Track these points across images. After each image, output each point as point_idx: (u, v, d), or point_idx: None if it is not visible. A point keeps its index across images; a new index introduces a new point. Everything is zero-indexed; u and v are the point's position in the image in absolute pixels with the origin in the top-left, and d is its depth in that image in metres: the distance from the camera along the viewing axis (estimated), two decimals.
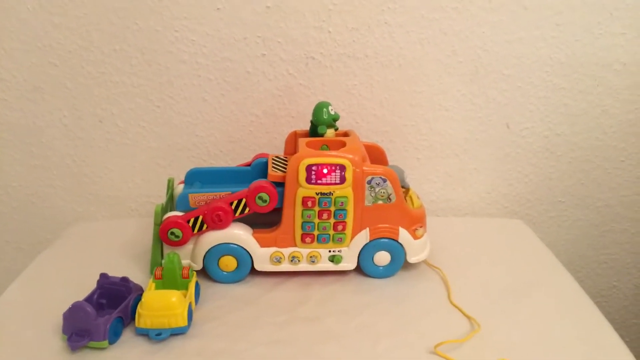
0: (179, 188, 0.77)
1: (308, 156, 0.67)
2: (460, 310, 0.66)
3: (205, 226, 0.70)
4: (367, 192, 0.69)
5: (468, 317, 0.64)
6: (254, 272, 0.72)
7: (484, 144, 0.93)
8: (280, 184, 0.69)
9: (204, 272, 0.72)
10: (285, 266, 0.72)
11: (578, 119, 0.91)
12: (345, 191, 0.68)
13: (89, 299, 0.63)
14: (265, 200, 0.69)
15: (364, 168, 0.68)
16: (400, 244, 0.71)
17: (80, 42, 0.84)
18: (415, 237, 0.72)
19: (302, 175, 0.67)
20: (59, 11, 0.82)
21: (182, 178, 0.79)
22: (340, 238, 0.71)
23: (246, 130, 0.91)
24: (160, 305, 0.60)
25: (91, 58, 0.85)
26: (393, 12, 0.84)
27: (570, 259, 1.02)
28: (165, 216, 0.71)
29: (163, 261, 0.66)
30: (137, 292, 0.64)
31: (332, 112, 0.75)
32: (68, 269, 0.76)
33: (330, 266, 0.72)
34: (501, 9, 0.83)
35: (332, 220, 0.69)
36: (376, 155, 0.78)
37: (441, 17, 0.84)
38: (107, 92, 0.88)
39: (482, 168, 0.95)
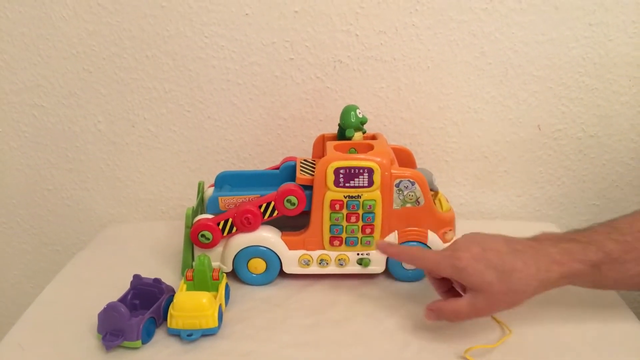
0: (209, 191, 0.78)
1: (336, 159, 0.67)
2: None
3: (234, 229, 0.71)
4: (395, 195, 0.69)
5: (498, 322, 0.63)
6: (282, 274, 0.73)
7: (514, 146, 0.92)
8: (308, 187, 0.70)
9: (233, 274, 0.73)
10: (314, 269, 0.72)
11: (612, 120, 0.89)
12: (373, 194, 0.68)
13: (123, 300, 0.64)
14: (294, 203, 0.70)
15: (392, 171, 0.68)
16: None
17: (113, 49, 0.87)
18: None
19: (330, 178, 0.67)
20: (93, 19, 0.85)
21: (212, 181, 0.80)
22: (369, 241, 0.71)
23: (274, 133, 0.92)
24: (191, 306, 0.61)
25: (124, 64, 0.87)
26: (421, 15, 0.83)
27: None
28: (196, 219, 0.72)
29: (194, 263, 0.67)
30: (169, 293, 0.65)
31: (360, 115, 0.75)
32: (102, 270, 0.78)
33: (359, 269, 0.72)
34: (531, 9, 0.82)
35: (360, 223, 0.69)
36: (404, 158, 0.78)
37: (470, 18, 0.83)
38: (140, 98, 0.90)
39: (512, 170, 0.93)
